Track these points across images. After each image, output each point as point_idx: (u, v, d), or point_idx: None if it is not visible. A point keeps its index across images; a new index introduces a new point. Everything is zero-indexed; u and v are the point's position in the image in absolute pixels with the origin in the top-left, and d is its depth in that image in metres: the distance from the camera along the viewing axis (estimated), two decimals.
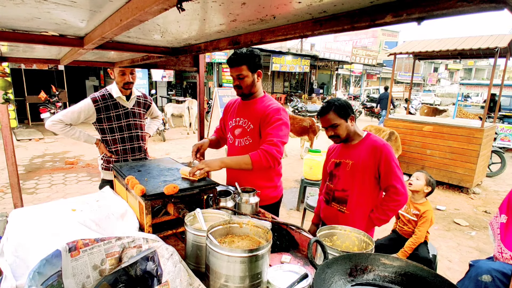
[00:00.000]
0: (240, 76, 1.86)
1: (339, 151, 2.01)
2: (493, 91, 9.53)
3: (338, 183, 1.95)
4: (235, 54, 1.84)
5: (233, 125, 2.02)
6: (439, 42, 6.24)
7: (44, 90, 9.74)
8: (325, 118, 1.89)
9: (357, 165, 1.85)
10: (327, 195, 2.05)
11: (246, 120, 1.94)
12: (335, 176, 1.98)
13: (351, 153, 1.91)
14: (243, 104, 2.01)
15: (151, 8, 0.70)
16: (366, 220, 1.89)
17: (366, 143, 1.87)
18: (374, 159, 1.80)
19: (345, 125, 1.87)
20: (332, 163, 2.02)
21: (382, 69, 26.90)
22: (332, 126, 1.88)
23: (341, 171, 1.93)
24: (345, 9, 0.83)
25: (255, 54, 1.85)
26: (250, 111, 1.94)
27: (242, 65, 1.83)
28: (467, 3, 0.58)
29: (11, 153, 2.04)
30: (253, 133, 1.91)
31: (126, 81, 2.38)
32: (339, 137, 1.89)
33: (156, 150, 7.95)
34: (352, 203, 1.89)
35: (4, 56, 2.06)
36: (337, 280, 0.96)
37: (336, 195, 1.96)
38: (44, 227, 1.31)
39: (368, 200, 1.89)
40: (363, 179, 1.85)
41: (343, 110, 1.85)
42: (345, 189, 1.91)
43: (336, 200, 1.97)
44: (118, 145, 2.44)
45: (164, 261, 1.04)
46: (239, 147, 1.98)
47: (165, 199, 1.47)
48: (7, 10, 0.96)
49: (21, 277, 1.04)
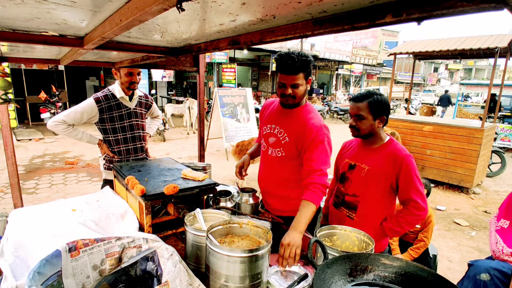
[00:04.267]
0: (296, 85, 1.62)
1: (356, 151, 1.85)
2: (493, 91, 9.53)
3: (349, 187, 1.81)
4: (291, 58, 1.57)
5: (268, 132, 1.83)
6: (439, 42, 6.24)
7: (44, 90, 9.73)
8: (355, 105, 1.73)
9: (373, 172, 1.71)
10: (336, 198, 1.91)
11: (282, 131, 1.75)
12: (348, 179, 1.83)
13: (369, 157, 1.76)
14: (282, 112, 1.79)
15: (151, 8, 0.70)
16: (376, 229, 1.76)
17: (387, 150, 1.72)
18: (393, 168, 1.67)
19: (371, 123, 1.72)
20: (346, 164, 1.86)
21: (382, 69, 26.89)
22: (358, 116, 1.72)
23: (355, 174, 1.79)
24: (345, 9, 0.83)
25: (310, 60, 1.63)
26: (289, 121, 1.74)
27: (299, 73, 1.60)
28: (467, 3, 0.58)
29: (11, 153, 2.04)
30: (287, 147, 1.72)
31: (133, 81, 2.38)
32: (359, 131, 1.75)
33: (156, 150, 7.95)
34: (362, 210, 1.76)
35: (4, 56, 2.06)
36: (337, 280, 0.96)
37: (346, 199, 1.82)
38: (44, 227, 1.31)
39: (380, 209, 1.76)
40: (378, 187, 1.72)
41: (377, 107, 1.69)
42: (356, 194, 1.78)
43: (345, 204, 1.83)
44: (120, 146, 2.44)
45: (164, 261, 1.04)
46: (272, 157, 1.80)
47: (165, 199, 1.47)
48: (7, 10, 0.96)
49: (21, 277, 1.04)
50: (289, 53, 1.59)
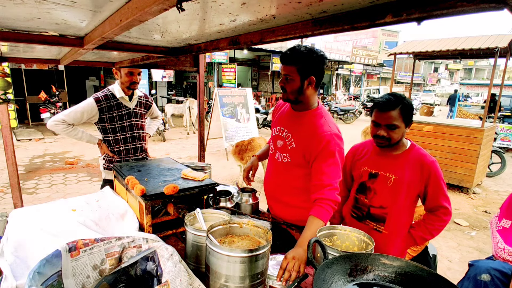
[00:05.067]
0: (288, 77, 1.53)
1: (374, 158, 1.71)
2: (493, 91, 9.53)
3: (375, 199, 1.68)
4: (291, 49, 1.51)
5: (276, 134, 1.73)
6: (439, 42, 6.24)
7: (44, 90, 9.73)
8: (386, 114, 1.52)
9: (401, 182, 1.59)
10: (358, 210, 1.76)
11: (290, 135, 1.64)
12: (370, 190, 1.70)
13: (393, 165, 1.63)
14: (291, 114, 1.69)
15: (151, 8, 0.70)
16: (404, 239, 1.68)
17: (412, 156, 1.61)
18: (421, 176, 1.57)
19: (403, 132, 1.56)
20: (365, 173, 1.72)
21: (382, 69, 26.89)
22: (390, 126, 1.54)
23: (380, 185, 1.66)
24: (345, 9, 0.83)
25: (313, 56, 1.48)
26: (297, 125, 1.63)
27: (290, 65, 1.50)
28: (467, 3, 0.58)
29: (11, 153, 2.04)
30: (293, 153, 1.62)
31: (133, 81, 2.38)
32: (389, 141, 1.57)
33: (156, 150, 7.95)
34: (391, 222, 1.65)
35: (4, 56, 2.06)
36: (337, 280, 0.96)
37: (372, 212, 1.70)
38: (44, 227, 1.31)
39: (408, 218, 1.68)
40: (406, 197, 1.61)
41: (408, 112, 1.54)
42: (383, 206, 1.65)
43: (372, 217, 1.70)
44: (120, 145, 2.44)
45: (164, 261, 1.04)
46: (279, 162, 1.71)
47: (165, 199, 1.47)
48: (7, 10, 0.96)
49: (21, 277, 1.04)
50: (294, 46, 1.52)
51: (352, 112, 15.00)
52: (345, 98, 21.42)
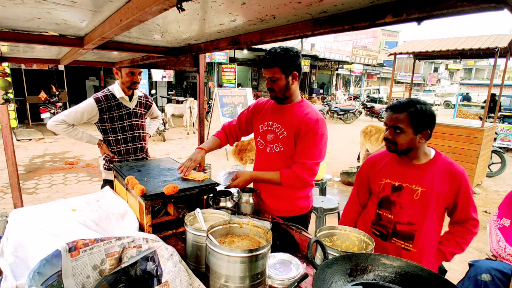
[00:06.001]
0: (273, 79, 1.67)
1: (396, 169, 1.59)
2: (493, 91, 9.53)
3: (401, 214, 1.54)
4: (269, 53, 1.65)
5: (265, 129, 1.84)
6: (439, 42, 6.24)
7: (44, 90, 9.74)
8: (393, 115, 1.50)
9: (430, 194, 1.48)
10: (382, 228, 1.61)
11: (279, 126, 1.76)
12: (395, 204, 1.56)
13: (419, 176, 1.52)
14: (277, 108, 1.81)
15: (151, 8, 0.70)
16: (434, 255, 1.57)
17: (439, 166, 1.51)
18: (451, 187, 1.47)
19: (411, 137, 1.47)
20: (387, 186, 1.59)
21: (382, 69, 26.91)
22: (395, 128, 1.49)
23: (405, 198, 1.53)
24: (345, 9, 0.83)
25: (290, 54, 1.63)
26: (285, 116, 1.76)
27: (274, 67, 1.64)
28: (467, 3, 0.58)
29: (11, 153, 2.04)
30: (286, 141, 1.73)
31: (134, 81, 2.38)
32: (395, 145, 1.51)
33: (156, 150, 7.95)
34: (421, 238, 1.52)
35: (4, 56, 2.05)
36: (337, 280, 0.96)
37: (398, 229, 1.56)
38: (44, 227, 1.31)
39: (436, 233, 1.57)
40: (436, 211, 1.50)
41: (419, 119, 1.45)
42: (412, 222, 1.52)
43: (398, 235, 1.56)
44: (120, 146, 2.44)
45: (164, 261, 1.04)
46: (270, 154, 1.80)
47: (165, 199, 1.47)
48: (7, 10, 0.96)
49: (21, 277, 1.04)
50: (271, 48, 1.65)
51: (352, 112, 15.01)
52: (345, 98, 21.43)
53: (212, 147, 1.96)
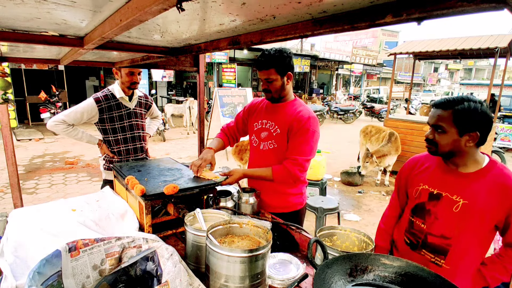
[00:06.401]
0: (269, 80, 1.74)
1: (438, 175, 1.41)
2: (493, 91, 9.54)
3: (434, 225, 1.38)
4: (263, 55, 1.71)
5: (259, 128, 1.90)
6: (439, 42, 6.24)
7: (44, 90, 9.74)
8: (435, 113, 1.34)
9: (473, 208, 1.28)
10: (412, 235, 1.47)
11: (273, 124, 1.83)
12: (430, 214, 1.39)
13: (463, 186, 1.32)
14: (272, 107, 1.88)
15: (151, 8, 0.70)
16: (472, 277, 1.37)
17: (491, 177, 1.29)
18: (502, 203, 1.25)
19: (454, 139, 1.29)
20: (425, 192, 1.42)
21: (382, 69, 26.90)
22: (436, 128, 1.33)
23: (443, 209, 1.35)
24: (345, 9, 0.83)
25: (284, 55, 1.70)
26: (279, 114, 1.82)
27: (270, 68, 1.70)
28: (467, 3, 0.58)
29: (11, 153, 2.04)
30: (279, 138, 1.80)
31: (134, 81, 2.38)
32: (436, 146, 1.34)
33: (156, 150, 7.95)
34: (456, 256, 1.34)
35: (4, 56, 2.06)
36: (337, 280, 0.96)
37: (429, 240, 1.39)
38: (44, 227, 1.31)
39: (479, 253, 1.36)
40: (479, 228, 1.30)
41: (465, 118, 1.26)
42: (446, 236, 1.35)
43: (429, 247, 1.40)
44: (120, 146, 2.44)
45: (164, 261, 1.04)
46: (264, 151, 1.87)
47: (165, 199, 1.47)
48: (7, 10, 0.96)
49: (21, 277, 1.04)
50: (264, 50, 1.70)
51: (352, 112, 15.01)
52: (345, 98, 21.44)
53: (219, 147, 2.01)
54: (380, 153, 5.49)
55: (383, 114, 13.87)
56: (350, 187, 5.77)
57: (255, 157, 1.95)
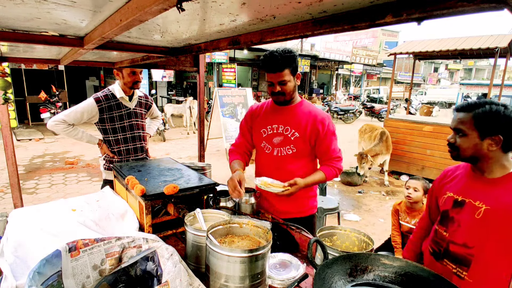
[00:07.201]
0: (283, 82, 1.64)
1: (464, 183, 1.35)
2: (493, 91, 9.53)
3: (457, 233, 1.30)
4: (274, 56, 1.60)
5: (270, 133, 1.79)
6: (439, 42, 6.24)
7: (44, 90, 9.74)
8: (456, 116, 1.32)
9: (496, 215, 1.20)
10: (435, 244, 1.40)
11: (288, 128, 1.73)
12: (454, 222, 1.32)
13: (486, 191, 1.26)
14: (279, 110, 1.78)
15: (151, 8, 0.70)
16: None
17: None
18: None
19: (476, 143, 1.24)
20: (450, 200, 1.36)
21: (382, 69, 26.91)
22: (457, 131, 1.30)
23: (465, 215, 1.28)
24: (345, 9, 0.83)
25: (295, 55, 1.64)
26: (292, 117, 1.74)
27: (284, 70, 1.61)
28: (467, 3, 0.58)
29: (11, 153, 2.04)
30: (298, 142, 1.72)
31: (136, 80, 2.39)
32: (458, 150, 1.30)
33: (156, 150, 7.95)
34: (479, 268, 1.24)
35: (4, 56, 2.06)
36: (337, 280, 0.96)
37: (451, 249, 1.31)
38: (44, 227, 1.31)
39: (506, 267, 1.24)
40: (505, 236, 1.20)
41: (487, 121, 1.22)
42: (468, 245, 1.26)
43: (450, 257, 1.32)
44: (120, 146, 2.44)
45: (164, 261, 1.04)
46: (280, 157, 1.76)
47: (165, 199, 1.47)
48: (7, 10, 0.96)
49: (21, 277, 1.04)
50: (272, 51, 1.62)
51: (352, 112, 15.01)
52: (345, 98, 21.44)
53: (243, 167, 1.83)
54: (373, 152, 5.60)
55: (383, 114, 13.87)
56: (350, 187, 5.77)
57: (269, 164, 1.82)
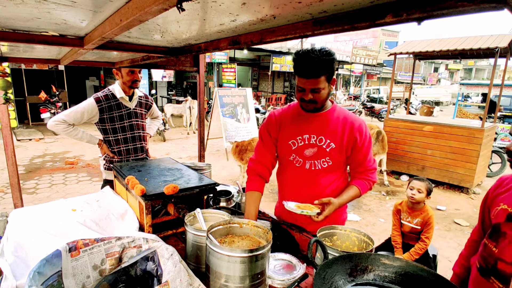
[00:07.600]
0: (317, 90, 1.42)
1: None
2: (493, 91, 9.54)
3: (507, 250, 1.17)
4: (309, 59, 1.35)
5: (301, 145, 1.57)
6: (439, 42, 6.24)
7: (44, 90, 9.75)
8: None
9: None
10: (483, 259, 1.28)
11: (322, 138, 1.53)
12: (504, 237, 1.19)
13: None
14: (310, 118, 1.57)
15: (151, 8, 0.70)
16: None
17: None
18: None
19: None
20: (503, 212, 1.22)
21: (382, 69, 26.88)
22: None
23: None
24: (345, 9, 0.83)
25: (334, 57, 1.40)
26: (326, 126, 1.54)
27: (320, 76, 1.38)
28: (467, 3, 0.58)
29: (11, 153, 2.04)
30: (334, 153, 1.53)
31: (135, 79, 2.39)
32: None
33: (156, 150, 7.95)
34: None
35: (4, 56, 2.05)
36: (337, 280, 0.96)
37: (499, 267, 1.19)
38: (44, 227, 1.31)
39: None
40: None
41: None
42: None
43: (499, 275, 1.19)
44: (121, 146, 2.44)
45: (164, 261, 1.04)
46: (312, 171, 1.57)
47: (165, 199, 1.47)
48: (7, 10, 0.96)
49: (21, 277, 1.04)
50: (309, 52, 1.36)
51: (352, 112, 15.00)
52: (345, 98, 21.43)
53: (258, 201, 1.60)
54: None
55: (383, 114, 13.86)
56: None
57: (299, 178, 1.62)
